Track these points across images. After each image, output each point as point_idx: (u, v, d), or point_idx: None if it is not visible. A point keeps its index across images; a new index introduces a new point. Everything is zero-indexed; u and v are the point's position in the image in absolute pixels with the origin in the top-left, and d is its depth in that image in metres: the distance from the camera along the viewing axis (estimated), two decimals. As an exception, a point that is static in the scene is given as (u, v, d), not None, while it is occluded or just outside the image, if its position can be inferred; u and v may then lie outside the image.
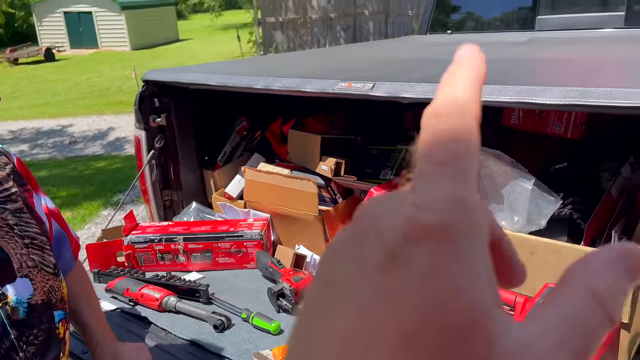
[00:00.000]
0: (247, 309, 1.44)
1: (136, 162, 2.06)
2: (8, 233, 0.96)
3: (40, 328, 0.96)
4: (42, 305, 0.98)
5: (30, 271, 0.97)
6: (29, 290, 0.96)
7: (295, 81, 1.54)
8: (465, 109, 0.19)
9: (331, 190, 1.73)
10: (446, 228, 0.16)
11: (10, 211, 0.99)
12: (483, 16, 3.31)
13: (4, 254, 0.94)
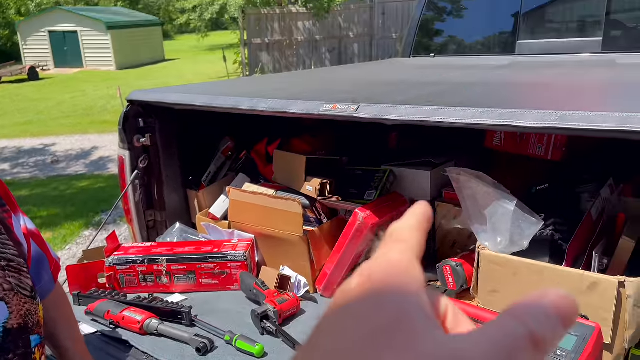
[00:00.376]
0: (230, 332, 1.42)
1: (119, 182, 2.04)
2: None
3: (16, 353, 0.94)
4: (18, 330, 0.95)
5: (7, 294, 0.94)
6: (5, 314, 0.93)
7: (280, 102, 1.55)
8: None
9: (316, 210, 1.73)
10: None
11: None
12: (465, 40, 3.38)
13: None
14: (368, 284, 0.28)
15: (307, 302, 1.62)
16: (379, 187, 1.71)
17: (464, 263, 1.42)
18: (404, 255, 0.30)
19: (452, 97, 1.62)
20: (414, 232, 0.32)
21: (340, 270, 1.63)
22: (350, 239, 1.57)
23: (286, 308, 1.50)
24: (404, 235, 0.32)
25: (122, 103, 11.45)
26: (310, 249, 1.67)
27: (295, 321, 1.52)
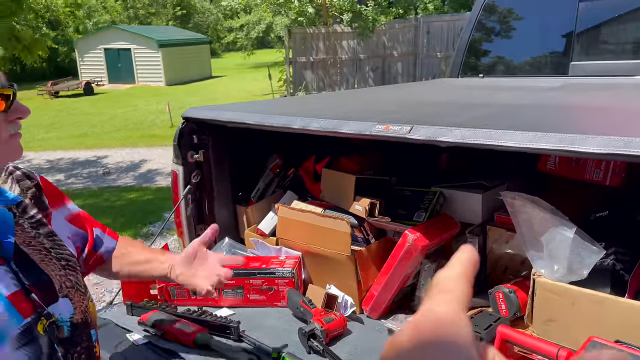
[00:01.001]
0: (277, 349, 1.43)
1: (172, 196, 2.11)
2: (46, 256, 1.00)
3: (82, 346, 1.01)
4: (82, 324, 1.02)
5: (69, 291, 1.01)
6: (70, 309, 1.00)
7: (332, 122, 1.57)
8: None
9: (364, 230, 1.73)
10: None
11: (43, 235, 1.03)
12: (515, 60, 3.33)
13: (46, 276, 0.98)
14: (417, 337, 0.29)
15: (354, 323, 1.61)
16: (429, 209, 1.69)
17: (517, 290, 1.38)
18: (451, 306, 0.31)
19: (506, 120, 1.60)
20: (459, 281, 0.33)
21: (388, 292, 1.61)
22: (399, 260, 1.56)
23: (333, 327, 1.50)
24: (449, 286, 0.33)
25: (170, 118, 11.80)
26: (357, 269, 1.67)
27: (341, 341, 1.51)
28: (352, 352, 1.44)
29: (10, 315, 0.87)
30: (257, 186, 2.24)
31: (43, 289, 0.95)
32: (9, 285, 0.89)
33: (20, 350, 0.88)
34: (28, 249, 0.97)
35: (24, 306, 0.90)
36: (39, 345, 0.91)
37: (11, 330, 0.87)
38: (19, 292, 0.91)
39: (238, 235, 2.18)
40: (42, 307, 0.93)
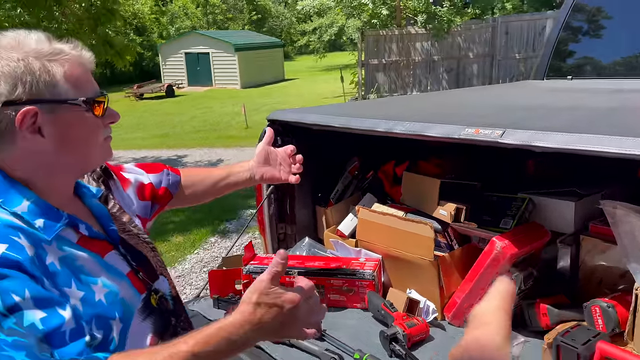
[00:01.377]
0: (359, 350, 1.43)
1: (256, 195, 2.18)
2: (139, 240, 1.10)
3: (184, 316, 1.11)
4: (177, 298, 1.13)
5: (162, 270, 1.11)
6: (167, 285, 1.10)
7: (417, 125, 1.56)
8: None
9: (448, 235, 1.70)
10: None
11: (127, 222, 1.12)
12: (605, 61, 3.13)
13: (144, 257, 1.07)
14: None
15: (435, 329, 1.59)
16: (517, 216, 1.63)
17: (616, 305, 1.30)
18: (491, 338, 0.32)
19: (603, 124, 1.52)
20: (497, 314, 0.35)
21: (472, 299, 1.58)
22: (485, 268, 1.52)
23: (415, 332, 1.49)
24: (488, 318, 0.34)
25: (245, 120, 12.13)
26: (440, 275, 1.64)
27: (423, 347, 1.50)
28: (435, 359, 1.43)
29: (133, 291, 0.97)
30: (336, 188, 2.26)
31: (145, 268, 1.05)
32: (123, 266, 0.99)
33: (146, 320, 0.98)
34: (124, 235, 1.06)
35: (138, 284, 1.00)
36: (157, 315, 1.00)
37: (136, 303, 0.97)
38: (131, 272, 1.00)
39: (317, 235, 2.22)
40: (149, 284, 1.03)
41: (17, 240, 0.83)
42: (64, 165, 0.93)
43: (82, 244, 0.94)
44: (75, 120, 0.91)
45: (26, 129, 0.86)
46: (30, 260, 0.82)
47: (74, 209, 0.98)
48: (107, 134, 0.99)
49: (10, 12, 6.37)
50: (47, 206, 0.91)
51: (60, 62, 0.89)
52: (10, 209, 0.87)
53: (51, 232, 0.89)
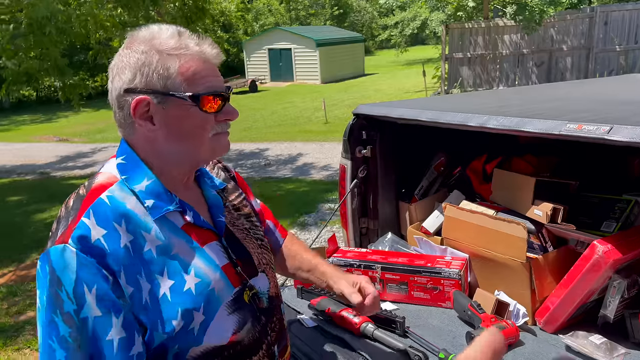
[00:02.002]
0: (444, 349, 1.40)
1: (339, 189, 2.19)
2: (247, 235, 1.12)
3: (277, 317, 1.11)
4: (276, 297, 1.13)
5: (266, 267, 1.12)
6: (267, 283, 1.11)
7: (513, 120, 1.48)
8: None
9: (542, 237, 1.61)
10: None
11: (244, 216, 1.16)
12: None
13: (247, 253, 1.09)
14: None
15: (525, 334, 1.51)
16: (621, 219, 1.52)
17: None
18: None
19: None
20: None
21: (567, 306, 1.48)
22: (584, 273, 1.42)
23: (505, 336, 1.42)
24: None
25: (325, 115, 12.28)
26: (532, 278, 1.56)
27: (512, 351, 1.43)
28: (525, 365, 1.36)
29: (225, 283, 0.99)
30: (421, 184, 2.22)
31: (246, 263, 1.07)
32: (221, 258, 1.02)
33: (233, 315, 0.99)
34: (233, 228, 1.10)
35: (233, 277, 1.02)
36: (245, 312, 1.02)
37: (226, 296, 0.99)
38: (229, 264, 1.02)
39: (399, 231, 2.19)
40: (246, 279, 1.04)
41: (117, 228, 0.90)
42: (173, 154, 0.98)
43: (186, 230, 0.99)
44: (182, 113, 0.94)
45: (139, 116, 0.94)
46: (119, 252, 0.89)
47: (188, 196, 1.03)
48: (220, 129, 0.98)
49: (112, 12, 6.86)
50: (162, 188, 0.98)
51: (179, 56, 0.93)
52: (131, 186, 0.96)
53: (157, 213, 0.95)
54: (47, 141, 12.63)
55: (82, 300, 0.85)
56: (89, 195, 0.95)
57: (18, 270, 4.85)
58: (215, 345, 0.97)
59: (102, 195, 0.94)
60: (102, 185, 0.97)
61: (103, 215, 0.91)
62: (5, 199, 7.62)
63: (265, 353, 1.05)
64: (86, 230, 0.88)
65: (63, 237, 0.88)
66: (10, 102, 20.06)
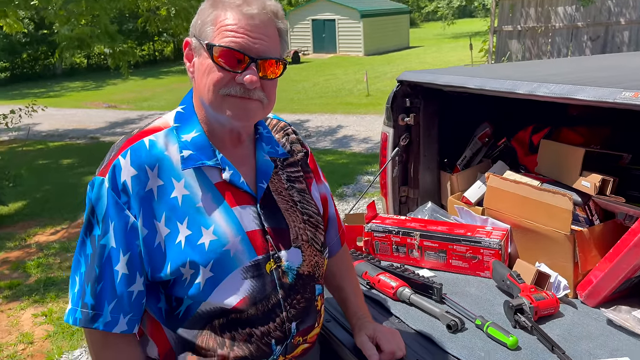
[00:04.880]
0: (481, 316, 1.40)
1: (380, 157, 2.18)
2: (292, 207, 1.12)
3: (303, 296, 1.09)
4: (307, 276, 1.11)
5: (303, 244, 1.11)
6: (299, 260, 1.09)
7: (565, 88, 1.44)
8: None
9: (588, 209, 1.57)
10: None
11: (296, 189, 1.15)
12: None
13: (285, 225, 1.09)
14: None
15: (565, 306, 1.49)
16: (675, 194, 1.45)
17: None
18: None
19: None
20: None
21: (611, 280, 1.45)
22: (631, 248, 1.38)
23: (543, 306, 1.41)
24: None
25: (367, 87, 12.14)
26: (575, 250, 1.53)
27: (551, 322, 1.42)
28: (564, 336, 1.35)
29: (246, 248, 1.01)
30: (464, 154, 2.19)
31: (279, 234, 1.06)
32: (250, 223, 1.03)
33: (247, 280, 1.01)
34: (278, 197, 1.10)
35: (258, 244, 1.02)
36: (263, 282, 1.02)
37: (243, 261, 1.00)
38: (258, 231, 1.03)
39: (440, 201, 2.18)
40: (274, 249, 1.04)
41: (147, 172, 0.98)
42: (200, 104, 1.04)
43: (219, 187, 1.02)
44: (202, 60, 1.00)
45: (185, 56, 1.05)
46: (142, 195, 0.97)
47: (236, 155, 1.05)
48: (233, 92, 0.97)
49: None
50: (206, 143, 1.03)
51: (220, 8, 0.98)
52: (179, 135, 1.02)
53: (188, 165, 1.00)
54: (97, 107, 13.06)
55: (106, 230, 0.96)
56: (134, 136, 1.02)
57: (70, 228, 5.11)
58: (221, 306, 0.99)
59: (145, 138, 1.01)
60: (153, 129, 1.03)
61: (137, 158, 0.98)
62: (58, 161, 7.98)
63: (277, 327, 1.04)
64: (119, 170, 0.97)
65: (103, 171, 0.98)
66: (63, 68, 20.79)
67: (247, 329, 1.02)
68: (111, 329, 0.97)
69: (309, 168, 1.22)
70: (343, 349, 1.34)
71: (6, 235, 4.92)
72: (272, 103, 1.05)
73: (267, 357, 1.05)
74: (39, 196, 6.24)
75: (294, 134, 1.23)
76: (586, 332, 1.37)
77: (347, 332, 1.42)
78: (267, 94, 1.01)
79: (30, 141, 9.39)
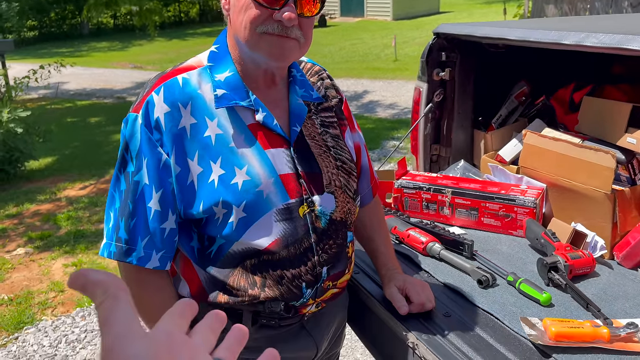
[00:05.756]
0: (514, 273, 1.37)
1: (412, 113, 2.13)
2: (325, 152, 1.09)
3: (335, 241, 1.08)
4: (340, 222, 1.09)
5: (336, 190, 1.09)
6: (332, 205, 1.08)
7: (616, 37, 1.35)
8: None
9: (632, 168, 1.51)
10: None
11: (330, 135, 1.12)
12: None
13: (318, 169, 1.06)
14: None
15: (601, 266, 1.45)
16: None
17: None
18: None
19: None
20: None
21: (652, 241, 1.40)
22: (677, 206, 1.33)
23: (578, 265, 1.37)
24: None
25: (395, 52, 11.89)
26: (615, 210, 1.48)
27: (586, 281, 1.38)
28: (599, 295, 1.31)
29: (279, 191, 0.99)
30: (499, 112, 2.12)
31: (312, 179, 1.04)
32: (283, 166, 1.01)
33: (280, 223, 1.00)
34: (311, 141, 1.07)
35: (292, 187, 1.01)
36: (295, 225, 1.01)
37: (276, 203, 0.99)
38: (291, 174, 1.02)
39: (472, 160, 2.12)
40: (307, 194, 1.03)
41: (180, 109, 0.96)
42: (236, 44, 1.00)
43: (252, 129, 1.00)
44: (240, 1, 0.95)
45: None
46: (175, 132, 0.95)
47: (269, 97, 1.03)
48: (271, 29, 0.93)
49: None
50: (240, 83, 1.00)
51: None
52: (213, 74, 1.00)
53: (222, 104, 0.98)
54: (123, 67, 13.11)
55: (140, 166, 0.96)
56: (168, 73, 1.00)
57: (99, 183, 5.20)
58: (253, 246, 0.99)
59: (179, 76, 0.99)
60: (186, 67, 1.01)
61: (171, 95, 0.96)
62: (86, 119, 8.09)
63: (309, 270, 1.04)
64: (152, 106, 0.95)
65: (137, 107, 0.97)
66: (90, 28, 20.85)
67: (279, 270, 1.02)
68: (144, 264, 0.97)
69: (344, 115, 1.20)
70: (371, 300, 1.33)
71: (37, 189, 5.04)
72: (309, 43, 1.01)
73: (297, 299, 1.05)
74: (67, 152, 6.35)
75: (328, 79, 1.20)
76: (622, 292, 1.33)
77: (375, 283, 1.41)
78: (304, 32, 0.98)
79: (59, 99, 9.51)
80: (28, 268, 3.52)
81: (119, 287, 0.34)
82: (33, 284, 3.31)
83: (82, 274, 0.35)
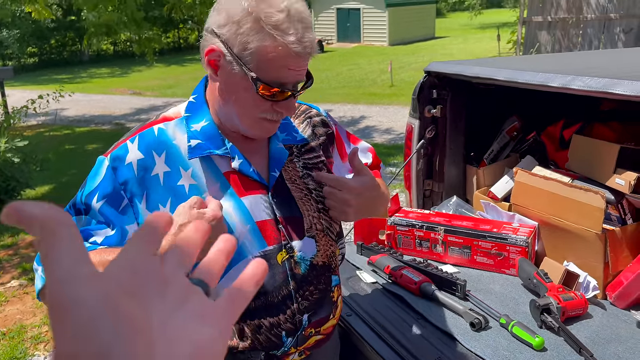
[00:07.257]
0: (506, 315, 1.37)
1: (405, 149, 2.15)
2: (306, 195, 1.08)
3: (317, 287, 1.06)
4: (322, 267, 1.08)
5: (317, 233, 1.07)
6: (313, 250, 1.06)
7: (601, 81, 1.38)
8: None
9: (621, 208, 1.52)
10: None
11: (312, 177, 1.10)
12: None
13: (299, 213, 1.05)
14: None
15: (594, 307, 1.45)
16: None
17: None
18: None
19: None
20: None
21: (644, 281, 1.40)
22: (667, 248, 1.33)
23: (571, 307, 1.37)
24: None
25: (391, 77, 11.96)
26: (607, 250, 1.48)
27: (579, 323, 1.38)
28: (592, 338, 1.30)
29: (255, 238, 0.98)
30: (491, 148, 2.14)
31: (293, 223, 1.03)
32: (261, 212, 1.00)
33: None
34: (292, 185, 1.06)
35: (269, 234, 1.00)
36: (273, 272, 1.00)
37: (252, 251, 0.98)
38: (269, 221, 1.01)
39: (465, 195, 2.14)
40: (286, 239, 1.02)
41: (155, 157, 0.98)
42: (222, 109, 1.00)
43: (227, 177, 1.00)
44: (242, 84, 0.93)
45: (208, 62, 0.95)
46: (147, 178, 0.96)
47: (247, 144, 1.02)
48: (270, 117, 0.96)
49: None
50: (216, 132, 1.01)
51: (270, 37, 0.89)
52: (189, 125, 1.00)
53: (195, 154, 0.98)
54: (122, 94, 13.22)
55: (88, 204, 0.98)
56: (147, 124, 1.01)
57: (94, 213, 5.18)
58: None
59: (155, 126, 1.00)
60: (164, 118, 1.03)
61: (145, 143, 0.98)
62: (84, 146, 8.11)
63: (288, 318, 1.02)
64: (124, 152, 0.97)
65: (108, 153, 0.99)
66: (90, 55, 21.09)
67: (256, 320, 1.01)
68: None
69: (331, 152, 1.18)
70: (364, 344, 1.32)
71: (33, 218, 5.02)
72: None
73: (278, 349, 1.04)
74: (65, 180, 6.36)
75: (317, 116, 1.17)
76: (615, 335, 1.32)
77: (368, 326, 1.40)
78: None
79: (58, 126, 9.56)
80: (22, 301, 3.49)
81: (59, 222, 0.28)
82: (26, 318, 3.28)
83: (14, 207, 0.29)
